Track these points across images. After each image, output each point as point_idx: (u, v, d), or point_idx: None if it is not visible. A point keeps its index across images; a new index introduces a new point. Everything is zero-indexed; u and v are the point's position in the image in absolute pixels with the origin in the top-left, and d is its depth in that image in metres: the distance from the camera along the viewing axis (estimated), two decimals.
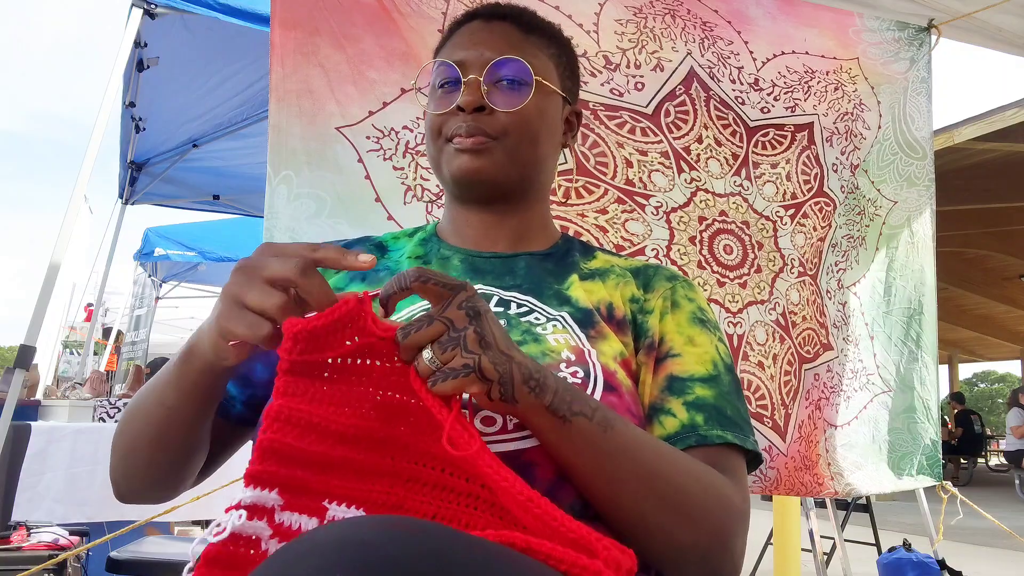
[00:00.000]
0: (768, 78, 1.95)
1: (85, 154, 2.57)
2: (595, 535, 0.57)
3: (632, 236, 1.73)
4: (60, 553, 2.20)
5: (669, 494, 0.69)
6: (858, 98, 2.06)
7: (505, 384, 0.63)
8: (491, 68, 0.85)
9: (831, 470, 1.90)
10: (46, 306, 2.35)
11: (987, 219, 7.35)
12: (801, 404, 1.87)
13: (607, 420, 0.68)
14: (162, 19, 2.78)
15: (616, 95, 1.77)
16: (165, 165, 4.44)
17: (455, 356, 0.61)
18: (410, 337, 0.62)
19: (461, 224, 0.93)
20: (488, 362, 0.61)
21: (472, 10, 0.93)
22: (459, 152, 0.85)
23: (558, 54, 0.92)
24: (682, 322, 0.86)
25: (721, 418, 0.79)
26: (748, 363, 1.79)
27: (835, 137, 2.02)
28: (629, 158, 1.75)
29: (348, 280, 0.89)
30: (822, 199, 1.99)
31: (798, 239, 1.93)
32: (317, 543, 0.46)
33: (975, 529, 2.54)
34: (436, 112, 0.87)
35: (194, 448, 0.78)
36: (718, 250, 1.80)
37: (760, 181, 1.90)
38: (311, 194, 1.45)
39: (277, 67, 1.45)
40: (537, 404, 0.65)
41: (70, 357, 6.51)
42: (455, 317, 0.62)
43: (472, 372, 0.61)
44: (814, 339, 1.93)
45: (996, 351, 17.17)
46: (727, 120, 1.88)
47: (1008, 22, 2.23)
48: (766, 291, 1.85)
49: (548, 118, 0.89)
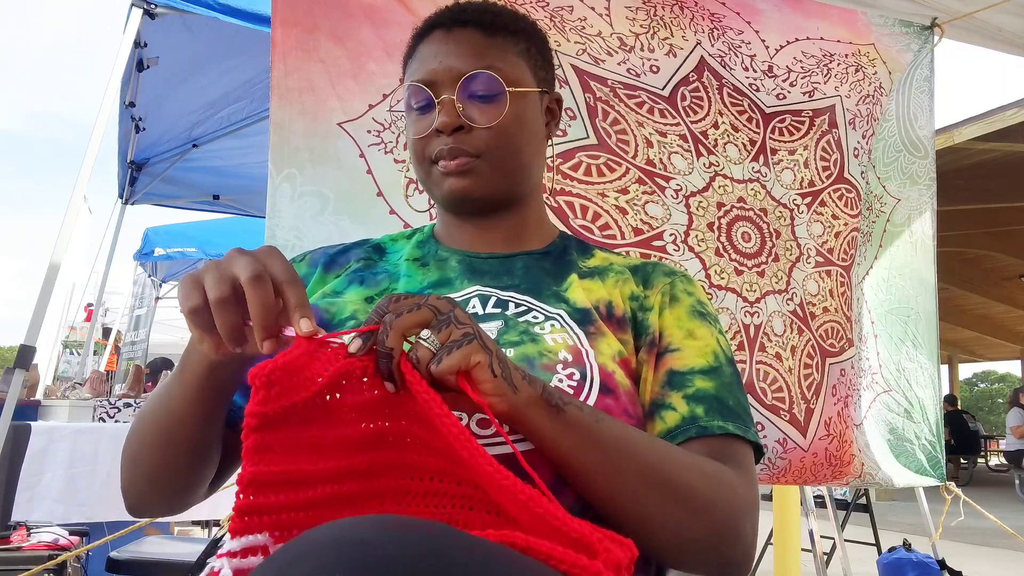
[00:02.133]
0: (783, 64, 1.93)
1: (85, 154, 2.57)
2: (596, 531, 0.57)
3: (651, 219, 1.70)
4: (60, 553, 2.19)
5: (671, 487, 0.69)
6: (878, 81, 2.03)
7: (503, 361, 0.63)
8: (463, 84, 0.84)
9: (864, 469, 1.88)
10: (46, 306, 2.35)
11: (987, 219, 7.35)
12: (827, 400, 1.84)
13: (597, 413, 0.69)
14: (162, 19, 2.78)
15: (633, 75, 1.75)
16: (165, 165, 4.44)
17: (451, 331, 0.61)
18: (401, 318, 0.61)
19: (457, 229, 0.94)
20: (483, 335, 0.62)
21: (432, 18, 0.91)
22: (445, 175, 0.85)
23: (527, 48, 0.91)
24: (681, 316, 0.86)
25: (722, 409, 0.79)
26: (765, 354, 1.76)
27: (857, 120, 1.99)
28: (649, 138, 1.73)
29: (347, 284, 0.88)
30: (843, 186, 1.96)
31: (815, 228, 1.90)
32: (315, 543, 0.46)
33: (975, 529, 2.54)
34: (416, 136, 0.87)
35: (202, 454, 0.77)
36: (736, 237, 1.78)
37: (778, 168, 1.88)
38: (314, 192, 1.44)
39: (279, 65, 1.45)
40: (532, 392, 0.65)
41: (70, 357, 6.50)
42: (437, 304, 0.63)
43: (474, 339, 0.61)
44: (839, 333, 1.90)
45: (996, 351, 17.17)
46: (742, 107, 1.86)
47: (1008, 22, 2.22)
48: (783, 281, 1.83)
49: (528, 123, 0.89)
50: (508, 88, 0.85)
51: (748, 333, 1.75)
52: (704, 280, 1.72)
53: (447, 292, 0.87)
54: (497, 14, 0.90)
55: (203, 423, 0.74)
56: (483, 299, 0.85)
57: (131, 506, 0.82)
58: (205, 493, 0.85)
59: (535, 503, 0.58)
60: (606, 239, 1.63)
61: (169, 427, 0.74)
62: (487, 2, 0.93)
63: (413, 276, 0.89)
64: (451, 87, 0.85)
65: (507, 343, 0.78)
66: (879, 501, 7.81)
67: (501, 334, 0.79)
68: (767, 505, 3.11)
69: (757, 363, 1.75)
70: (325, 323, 0.82)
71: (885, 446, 1.99)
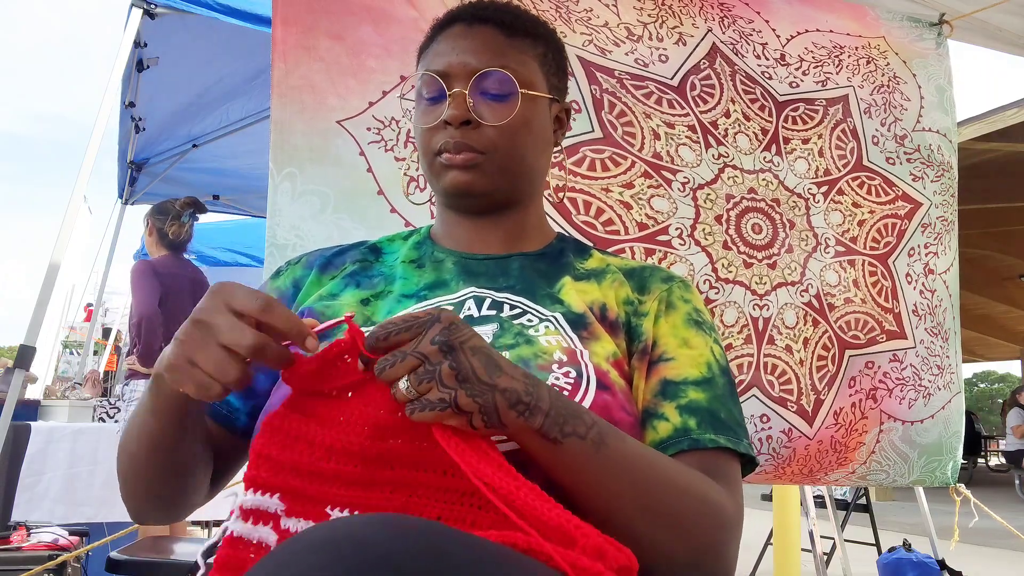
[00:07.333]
0: (795, 53, 1.91)
1: (85, 154, 2.57)
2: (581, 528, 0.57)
3: (657, 213, 1.68)
4: (60, 553, 2.19)
5: (661, 508, 0.68)
6: (891, 71, 2.02)
7: (488, 413, 0.62)
8: (476, 80, 0.84)
9: (871, 459, 1.84)
10: (46, 306, 2.35)
11: (987, 219, 7.34)
12: (842, 391, 1.81)
13: (601, 436, 0.67)
14: (162, 19, 2.78)
15: (641, 65, 1.74)
16: (165, 165, 4.44)
17: (431, 389, 0.61)
18: (384, 373, 0.61)
19: (454, 228, 0.94)
20: (465, 396, 0.61)
21: (454, 12, 0.91)
22: (448, 168, 0.85)
23: (544, 53, 0.91)
24: (677, 324, 0.86)
25: (714, 422, 0.78)
26: (774, 347, 1.74)
27: (873, 108, 1.97)
28: (656, 130, 1.71)
29: (343, 286, 0.88)
30: (863, 174, 1.93)
31: (834, 217, 1.88)
32: (313, 541, 0.46)
33: (974, 529, 2.54)
34: (423, 126, 0.87)
35: (188, 467, 0.77)
36: (746, 229, 1.76)
37: (791, 157, 1.85)
38: (315, 191, 1.44)
39: (279, 64, 1.44)
40: (526, 427, 0.64)
41: (70, 357, 6.51)
42: (428, 352, 0.61)
43: (448, 407, 0.60)
44: (866, 324, 1.87)
45: (996, 351, 17.16)
46: (754, 95, 1.84)
47: (1008, 22, 2.23)
48: (797, 272, 1.80)
49: (536, 126, 0.89)
50: (521, 90, 0.85)
51: (757, 326, 1.73)
52: (711, 274, 1.70)
53: (443, 294, 0.86)
54: (518, 16, 0.91)
55: (184, 440, 0.74)
56: (478, 301, 0.84)
57: (133, 516, 0.83)
58: (207, 495, 0.85)
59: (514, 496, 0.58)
60: (609, 235, 1.62)
61: (151, 448, 0.74)
62: (509, 2, 0.93)
63: (409, 278, 0.89)
64: (464, 81, 0.85)
65: (503, 346, 0.77)
66: (879, 501, 7.81)
67: (497, 337, 0.79)
68: (767, 505, 3.11)
69: (765, 356, 1.73)
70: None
71: (942, 448, 1.94)
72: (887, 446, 1.87)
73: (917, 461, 1.92)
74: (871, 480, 1.92)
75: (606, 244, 1.60)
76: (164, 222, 3.25)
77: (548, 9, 1.67)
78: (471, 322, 0.81)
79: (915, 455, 1.91)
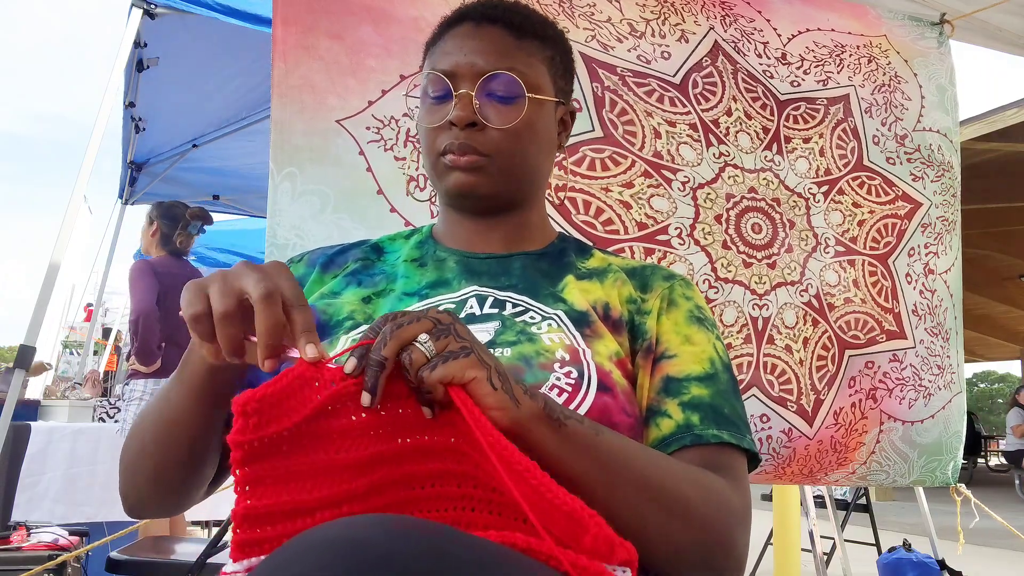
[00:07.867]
0: (796, 52, 1.91)
1: (85, 154, 2.57)
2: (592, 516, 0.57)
3: (656, 213, 1.68)
4: (60, 553, 2.20)
5: (668, 500, 0.68)
6: (892, 70, 2.02)
7: (503, 375, 0.62)
8: (483, 82, 0.84)
9: (871, 459, 1.84)
10: (46, 306, 2.35)
11: (987, 219, 7.34)
12: (842, 391, 1.81)
13: (596, 426, 0.68)
14: (162, 19, 2.78)
15: (643, 62, 1.73)
16: (165, 165, 4.44)
17: (449, 342, 0.60)
18: (402, 328, 0.59)
19: (456, 227, 0.94)
20: (482, 351, 0.61)
21: (463, 9, 0.90)
22: (451, 168, 0.85)
23: (552, 56, 0.91)
24: (679, 321, 0.86)
25: (718, 417, 0.78)
26: (774, 347, 1.74)
27: (874, 108, 1.98)
28: (658, 128, 1.71)
29: (345, 284, 0.88)
30: (863, 173, 1.93)
31: (834, 217, 1.88)
32: (313, 542, 0.46)
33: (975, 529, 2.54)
34: (428, 125, 0.87)
35: (201, 454, 0.77)
36: (745, 229, 1.75)
37: (792, 156, 1.85)
38: (315, 190, 1.43)
39: (279, 63, 1.44)
40: (534, 406, 0.63)
41: (70, 357, 6.51)
42: (439, 316, 0.62)
43: (471, 353, 0.60)
44: (866, 324, 1.87)
45: (996, 351, 17.15)
46: (756, 93, 1.84)
47: (1008, 22, 2.23)
48: (797, 272, 1.80)
49: (542, 130, 0.89)
50: (528, 94, 0.85)
51: (756, 326, 1.73)
52: (710, 274, 1.70)
53: (445, 292, 0.86)
54: (527, 17, 0.90)
55: (202, 423, 0.74)
56: (480, 299, 0.84)
57: (130, 507, 0.82)
58: (204, 493, 0.84)
59: (530, 474, 0.57)
60: (609, 235, 1.62)
61: (169, 426, 0.74)
62: (518, 2, 0.92)
63: (411, 277, 0.89)
64: (471, 82, 0.84)
65: (504, 343, 0.77)
66: (879, 501, 7.81)
67: (498, 334, 0.79)
68: (767, 505, 3.11)
69: (765, 356, 1.73)
70: (322, 324, 0.82)
71: (942, 448, 1.94)
72: (887, 446, 1.87)
73: (917, 461, 1.92)
74: (871, 480, 1.91)
75: (606, 244, 1.60)
76: (172, 228, 3.28)
77: (551, 4, 1.66)
78: (473, 320, 0.81)
79: (915, 455, 1.91)
